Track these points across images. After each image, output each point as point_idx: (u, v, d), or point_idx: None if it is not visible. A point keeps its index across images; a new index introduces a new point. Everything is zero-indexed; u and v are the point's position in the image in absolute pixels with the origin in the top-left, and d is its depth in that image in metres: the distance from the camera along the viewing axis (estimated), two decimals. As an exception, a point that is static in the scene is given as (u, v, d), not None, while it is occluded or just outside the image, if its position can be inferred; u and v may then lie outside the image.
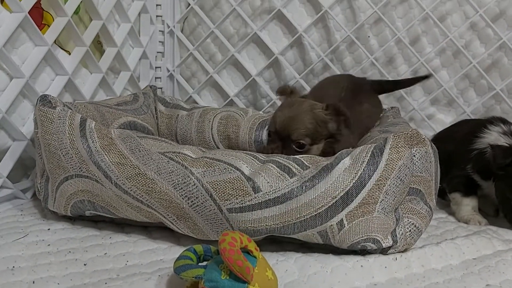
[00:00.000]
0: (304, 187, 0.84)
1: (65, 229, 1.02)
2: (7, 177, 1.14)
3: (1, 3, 1.16)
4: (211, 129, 1.52)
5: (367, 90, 1.41)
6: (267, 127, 1.35)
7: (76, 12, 1.37)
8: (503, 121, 1.26)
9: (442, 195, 1.44)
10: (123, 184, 0.91)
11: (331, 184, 0.84)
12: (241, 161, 0.90)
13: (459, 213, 1.23)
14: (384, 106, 1.69)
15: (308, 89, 1.69)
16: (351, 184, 0.84)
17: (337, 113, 1.13)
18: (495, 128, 1.23)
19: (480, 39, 1.64)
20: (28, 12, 1.16)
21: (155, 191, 0.89)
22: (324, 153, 1.14)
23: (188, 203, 0.87)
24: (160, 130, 1.55)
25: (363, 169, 0.85)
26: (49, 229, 1.01)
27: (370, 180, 0.85)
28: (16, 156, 1.16)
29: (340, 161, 0.87)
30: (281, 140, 1.12)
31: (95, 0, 1.40)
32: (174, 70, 1.78)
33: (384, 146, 0.87)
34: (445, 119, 1.71)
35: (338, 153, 0.90)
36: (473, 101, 1.67)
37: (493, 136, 1.21)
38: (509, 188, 1.12)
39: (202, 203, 0.86)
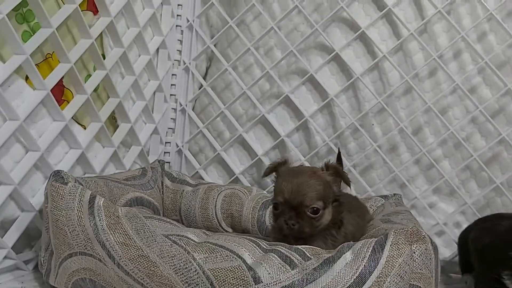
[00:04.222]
0: (305, 280, 0.85)
1: (63, 306, 1.02)
2: (11, 248, 1.15)
3: (25, 80, 1.23)
4: (215, 206, 1.55)
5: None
6: (271, 200, 1.22)
7: (95, 89, 1.45)
8: None
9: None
10: (126, 265, 0.93)
11: (332, 279, 0.85)
12: (244, 249, 0.92)
13: None
14: (386, 192, 1.73)
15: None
16: (352, 280, 0.85)
17: (336, 171, 1.13)
18: None
19: (480, 133, 1.69)
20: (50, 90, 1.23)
21: (156, 275, 0.90)
22: (333, 220, 1.11)
23: (189, 289, 0.88)
24: (165, 205, 1.58)
25: (364, 265, 0.86)
26: (47, 305, 1.02)
27: (371, 277, 0.86)
28: (23, 227, 1.19)
29: (342, 255, 0.88)
30: (292, 209, 1.07)
31: (113, 79, 1.48)
32: (183, 146, 1.84)
33: (385, 242, 0.89)
34: (447, 209, 1.73)
35: (339, 247, 0.91)
36: (474, 192, 1.70)
37: None
38: None
39: (203, 291, 0.87)
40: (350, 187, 1.17)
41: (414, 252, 0.90)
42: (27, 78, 1.23)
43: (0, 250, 1.13)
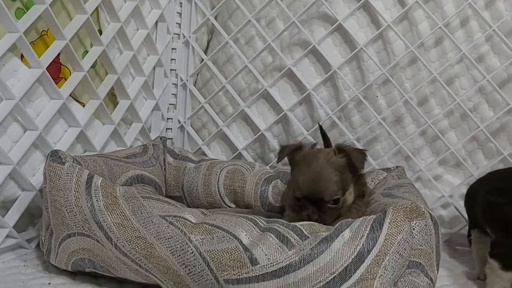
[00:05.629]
0: (302, 261, 0.84)
1: (65, 284, 1.03)
2: (12, 227, 1.16)
3: (21, 59, 1.21)
4: (218, 182, 1.54)
5: None
6: (291, 191, 1.16)
7: (93, 66, 1.43)
8: None
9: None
10: (123, 246, 0.93)
11: (330, 259, 0.84)
12: (240, 229, 0.91)
13: (489, 282, 1.15)
14: (390, 165, 1.70)
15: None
16: (350, 259, 0.84)
17: (345, 153, 1.11)
18: None
19: (488, 103, 1.65)
20: (46, 67, 1.21)
21: (153, 256, 0.90)
22: (357, 193, 1.13)
23: (186, 270, 0.87)
24: (167, 181, 1.57)
25: (362, 244, 0.85)
26: (49, 283, 1.02)
27: (369, 255, 0.84)
28: (24, 206, 1.19)
29: (340, 234, 0.87)
30: (312, 203, 1.07)
31: (111, 55, 1.46)
32: (185, 122, 1.82)
33: (384, 220, 0.87)
34: (453, 180, 1.70)
35: (337, 224, 0.90)
36: (481, 163, 1.66)
37: None
38: None
39: (199, 272, 0.87)
40: (362, 171, 1.15)
41: (414, 229, 0.89)
42: (22, 56, 1.21)
43: (1, 230, 1.14)
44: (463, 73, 1.66)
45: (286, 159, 1.20)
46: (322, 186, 1.06)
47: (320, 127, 1.54)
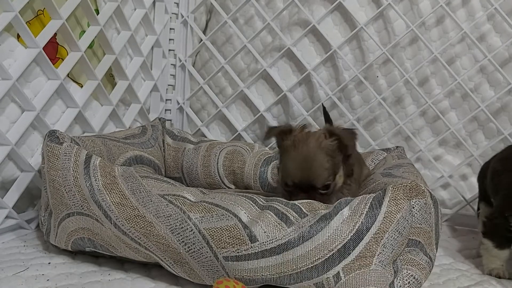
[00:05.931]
0: (301, 238, 0.84)
1: (65, 263, 1.03)
2: (12, 208, 1.16)
3: (17, 39, 1.20)
4: (217, 163, 1.53)
5: None
6: (280, 177, 1.13)
7: (90, 46, 1.41)
8: None
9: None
10: (122, 225, 0.93)
11: (328, 236, 0.84)
12: (240, 207, 0.91)
13: (485, 262, 1.16)
14: (390, 146, 1.70)
15: (316, 126, 1.70)
16: (349, 237, 0.84)
17: (337, 136, 1.07)
18: None
19: (489, 83, 1.64)
20: (43, 47, 1.20)
21: (153, 234, 0.90)
22: (347, 177, 1.12)
23: (185, 248, 0.87)
24: (166, 163, 1.57)
25: (361, 222, 0.85)
26: (49, 263, 1.03)
27: (368, 233, 0.84)
28: (23, 187, 1.19)
29: (339, 212, 0.87)
30: (303, 190, 1.04)
31: (109, 35, 1.44)
32: (184, 103, 1.81)
33: (383, 198, 0.87)
34: (453, 161, 1.70)
35: (337, 202, 0.90)
36: (481, 144, 1.66)
37: None
38: None
39: (199, 250, 0.87)
40: (351, 154, 1.13)
41: (413, 207, 0.89)
42: (18, 36, 1.19)
43: (1, 210, 1.14)
44: (464, 53, 1.65)
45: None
46: (313, 173, 1.03)
47: (324, 107, 1.53)
